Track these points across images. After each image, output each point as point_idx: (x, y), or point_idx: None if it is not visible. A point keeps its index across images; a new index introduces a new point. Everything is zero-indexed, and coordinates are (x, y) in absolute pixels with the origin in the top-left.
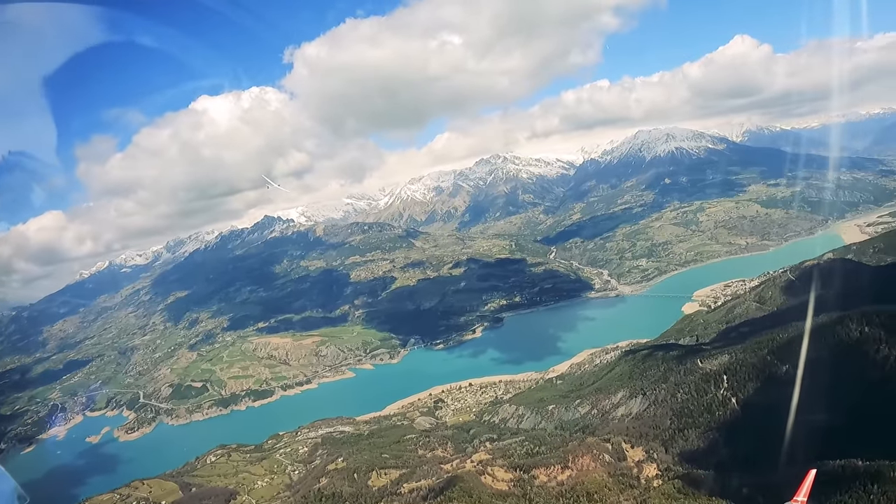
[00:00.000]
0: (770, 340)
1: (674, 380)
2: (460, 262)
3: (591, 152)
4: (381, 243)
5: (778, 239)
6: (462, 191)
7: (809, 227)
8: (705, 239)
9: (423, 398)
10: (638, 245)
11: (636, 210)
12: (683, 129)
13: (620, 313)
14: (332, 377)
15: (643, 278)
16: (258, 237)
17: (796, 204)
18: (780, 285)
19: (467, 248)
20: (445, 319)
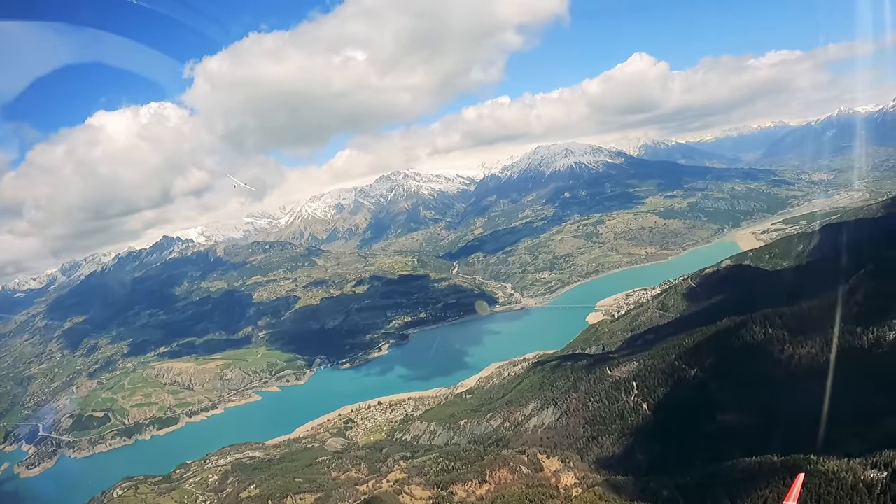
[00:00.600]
0: (677, 346)
1: (584, 389)
2: (363, 279)
3: (492, 168)
4: (283, 262)
5: (677, 248)
6: (363, 208)
7: (707, 236)
8: (606, 250)
9: (333, 419)
10: (540, 258)
11: (537, 224)
12: (582, 144)
13: (526, 326)
14: (238, 401)
15: (546, 291)
16: (157, 258)
17: (693, 214)
18: (682, 292)
19: (370, 265)
20: (351, 338)
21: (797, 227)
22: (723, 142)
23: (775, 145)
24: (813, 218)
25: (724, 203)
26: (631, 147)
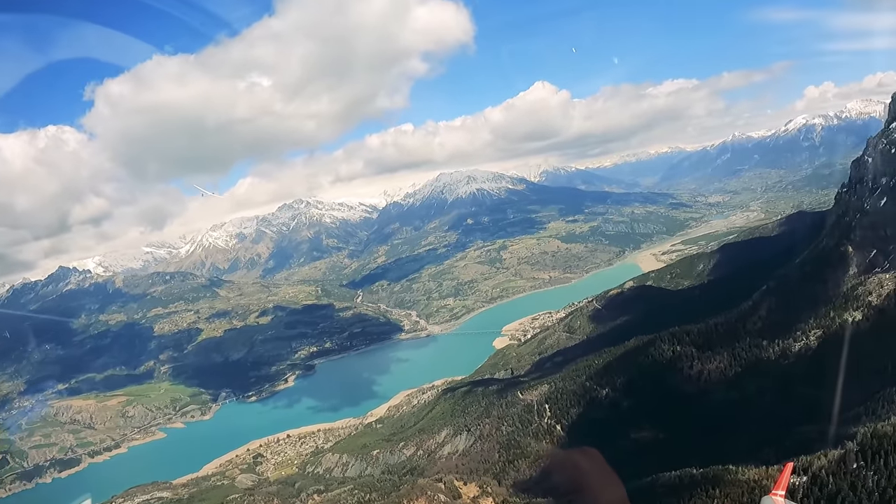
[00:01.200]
0: (587, 367)
1: (497, 413)
2: (267, 310)
3: (394, 195)
4: (184, 293)
5: (580, 271)
6: (265, 237)
7: (608, 259)
8: (510, 275)
9: (242, 454)
10: (444, 285)
11: (441, 251)
12: (484, 171)
13: (433, 353)
14: (142, 439)
15: (452, 317)
16: (53, 290)
17: (595, 238)
18: (588, 314)
19: (273, 295)
20: (256, 370)
21: (696, 248)
22: (622, 167)
23: (672, 170)
24: (711, 238)
25: (625, 226)
26: (532, 173)
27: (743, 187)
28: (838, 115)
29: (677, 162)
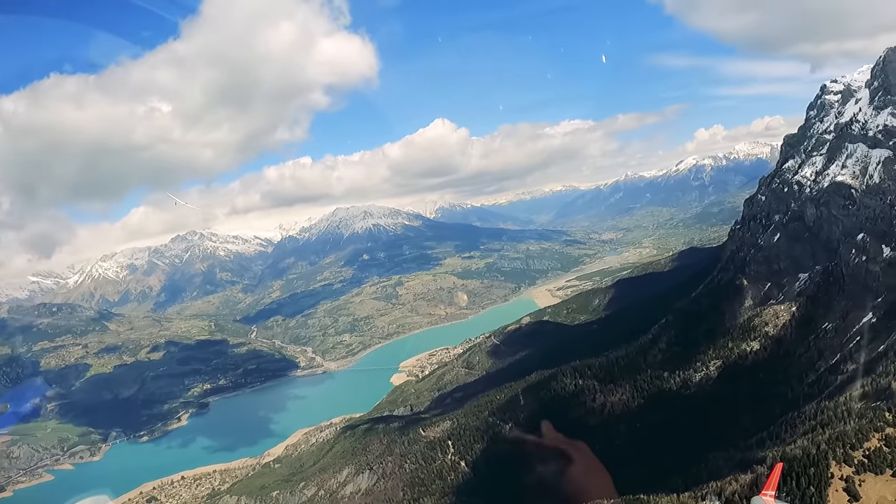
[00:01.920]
0: (489, 402)
1: (399, 451)
2: (159, 345)
3: (290, 229)
4: (73, 326)
5: (476, 307)
6: (158, 269)
7: (504, 295)
8: (406, 311)
9: (134, 497)
10: (340, 321)
11: (336, 286)
12: (381, 207)
13: (330, 390)
14: (28, 482)
15: (348, 353)
16: None
17: (490, 274)
18: (486, 350)
19: (165, 329)
20: (148, 408)
21: (591, 283)
22: (517, 205)
23: (567, 207)
24: (605, 274)
25: (520, 263)
26: (428, 210)
27: (635, 225)
28: (727, 157)
29: (571, 200)
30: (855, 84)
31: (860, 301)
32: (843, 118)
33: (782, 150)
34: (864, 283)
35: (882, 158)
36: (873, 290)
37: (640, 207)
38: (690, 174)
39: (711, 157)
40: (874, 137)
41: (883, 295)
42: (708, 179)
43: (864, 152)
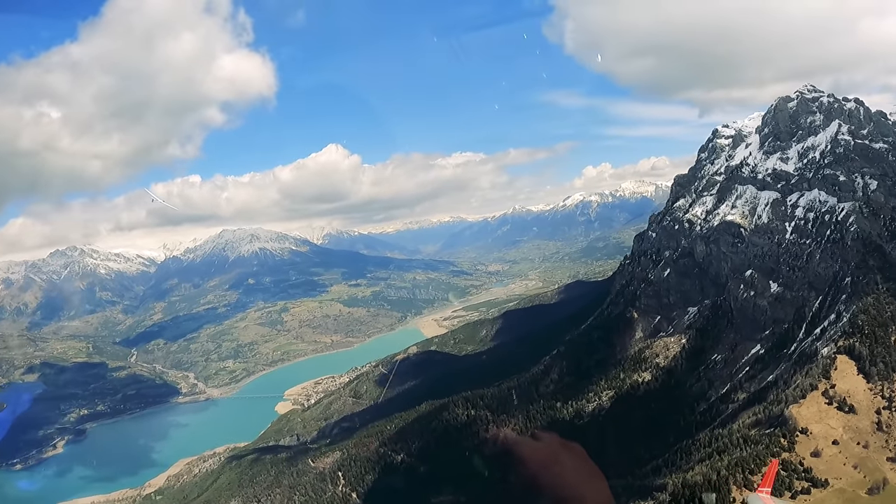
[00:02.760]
0: (379, 432)
1: (288, 482)
2: (34, 366)
3: (174, 249)
4: None
5: (362, 336)
6: (34, 285)
7: (391, 324)
8: (291, 338)
9: None
10: (224, 346)
11: (221, 310)
12: (268, 231)
13: (213, 417)
14: None
15: (232, 380)
16: None
17: (377, 302)
18: (374, 379)
19: (41, 350)
20: (21, 433)
21: (478, 314)
22: (404, 234)
23: (454, 238)
24: (492, 305)
25: (407, 292)
26: (316, 235)
27: (521, 257)
28: (613, 194)
29: (459, 231)
30: (746, 129)
31: (748, 334)
32: (733, 161)
33: (673, 190)
34: (752, 316)
35: (770, 200)
36: (761, 324)
37: (527, 240)
38: (577, 210)
39: (598, 193)
40: (763, 180)
41: (770, 328)
42: (594, 215)
43: (753, 194)
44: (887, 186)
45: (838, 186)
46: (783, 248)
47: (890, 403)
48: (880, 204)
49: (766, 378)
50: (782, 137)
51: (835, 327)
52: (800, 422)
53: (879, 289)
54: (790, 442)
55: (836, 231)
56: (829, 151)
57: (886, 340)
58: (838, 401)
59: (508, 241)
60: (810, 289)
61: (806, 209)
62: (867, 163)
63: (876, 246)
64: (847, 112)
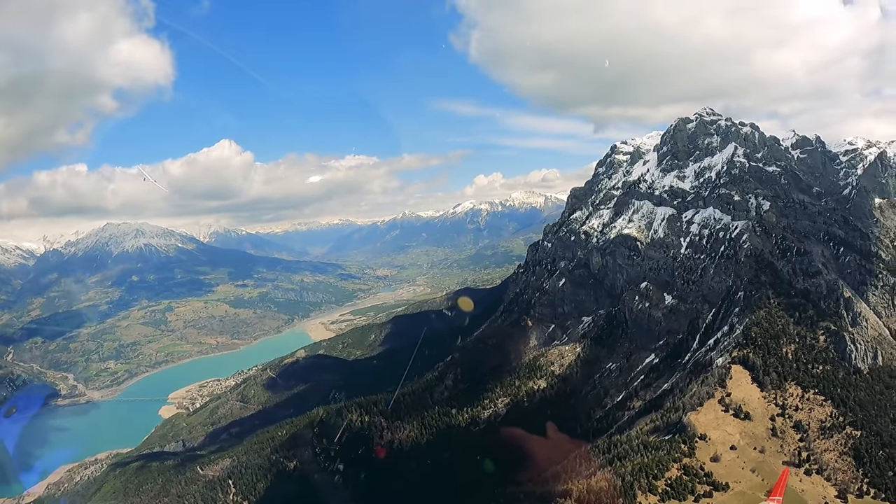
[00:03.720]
0: (270, 438)
1: (176, 491)
2: None
3: (55, 242)
4: None
5: (248, 338)
6: None
7: (277, 326)
8: (175, 339)
9: None
10: (105, 346)
11: (103, 307)
12: (154, 226)
13: (94, 421)
14: None
15: (113, 382)
16: None
17: (264, 304)
18: (262, 383)
19: None
20: None
21: (366, 318)
22: (292, 235)
23: (342, 241)
24: (380, 310)
25: (294, 294)
26: (202, 233)
27: (410, 263)
28: (503, 203)
29: (348, 234)
30: (644, 147)
31: (643, 343)
32: (631, 177)
33: (569, 202)
34: (646, 327)
35: (666, 216)
36: (655, 334)
37: (416, 246)
38: (467, 217)
39: (488, 202)
40: (660, 196)
41: (665, 338)
42: (483, 223)
43: (650, 209)
44: (779, 207)
45: (733, 205)
46: (678, 262)
47: (783, 411)
48: (772, 224)
49: (662, 386)
50: (680, 156)
51: (728, 339)
52: (698, 428)
53: (771, 303)
54: (690, 448)
55: (729, 248)
56: (725, 172)
57: (778, 351)
58: (734, 408)
59: (397, 246)
60: (704, 301)
61: (701, 226)
62: (761, 184)
63: (768, 263)
64: (743, 136)
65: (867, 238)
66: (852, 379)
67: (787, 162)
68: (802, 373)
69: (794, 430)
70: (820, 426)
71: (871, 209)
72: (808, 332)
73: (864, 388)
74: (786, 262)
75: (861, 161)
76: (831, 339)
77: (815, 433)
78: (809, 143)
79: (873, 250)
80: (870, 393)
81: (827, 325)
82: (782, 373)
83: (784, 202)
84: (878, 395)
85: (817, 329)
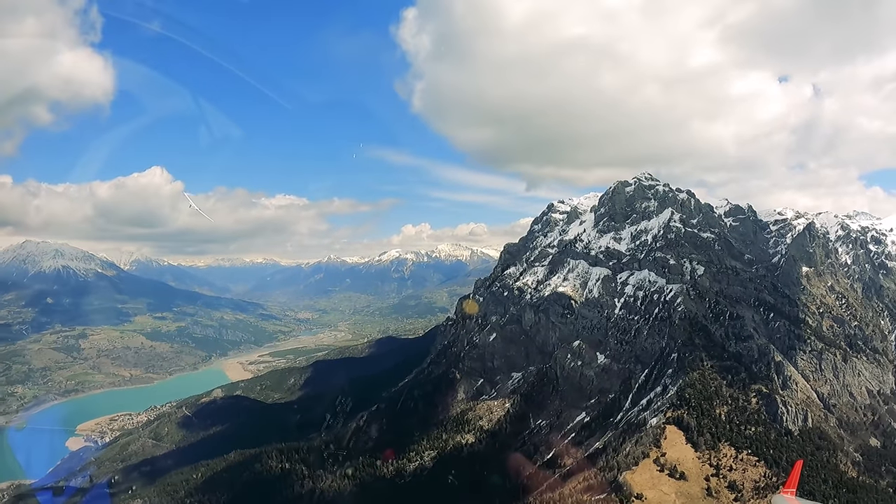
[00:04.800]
0: (185, 481)
1: None
2: None
3: None
4: None
5: (163, 372)
6: None
7: (194, 363)
8: (88, 367)
9: None
10: (14, 368)
11: (15, 328)
12: (74, 248)
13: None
14: None
15: (20, 407)
16: None
17: (182, 339)
18: (177, 421)
19: None
20: None
21: (285, 361)
22: (215, 270)
23: (265, 281)
24: (299, 353)
25: (213, 331)
26: (123, 260)
27: (332, 307)
28: (429, 254)
29: (271, 274)
30: (581, 207)
31: (574, 401)
32: (567, 236)
33: (502, 257)
34: (578, 385)
35: (602, 276)
36: (587, 393)
37: (340, 291)
38: (392, 266)
39: (415, 252)
40: (596, 256)
41: (596, 397)
42: (408, 273)
43: (585, 268)
44: (712, 273)
45: (668, 269)
46: (612, 322)
47: (717, 471)
48: (706, 288)
49: (593, 445)
50: (617, 218)
51: (661, 399)
52: (634, 487)
53: (704, 365)
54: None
55: (664, 310)
56: (662, 236)
57: (712, 412)
58: (669, 468)
59: (320, 290)
60: (637, 362)
61: (636, 287)
62: (695, 249)
63: (701, 326)
64: (680, 202)
65: (795, 304)
66: (784, 440)
67: (721, 229)
68: (735, 434)
69: (728, 490)
70: (754, 486)
71: (799, 277)
72: (741, 393)
73: (796, 449)
74: (719, 326)
75: (790, 231)
76: (763, 402)
77: (749, 493)
78: (742, 211)
79: (801, 316)
80: (801, 454)
81: (759, 387)
82: (716, 433)
83: (717, 268)
84: (808, 455)
85: (749, 391)
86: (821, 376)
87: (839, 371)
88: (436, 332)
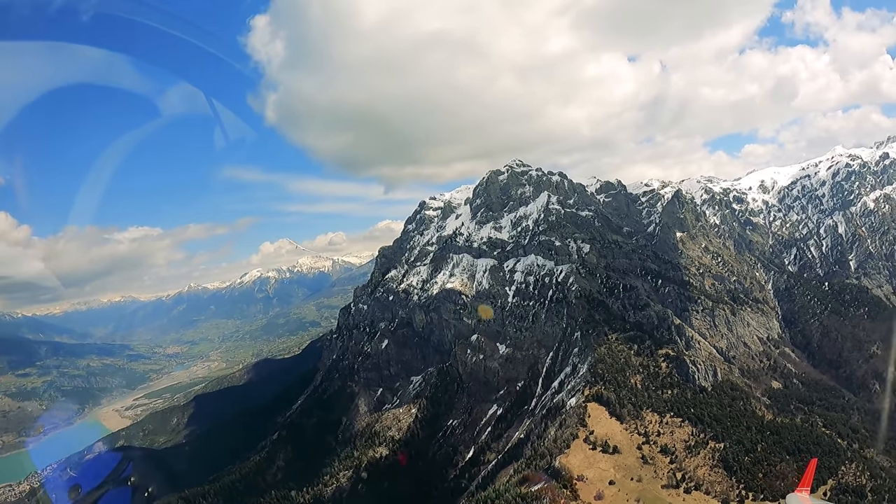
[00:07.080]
0: None
1: None
2: None
3: None
4: None
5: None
6: None
7: (68, 417)
8: None
9: None
10: None
11: None
12: None
13: None
14: None
15: None
16: None
17: (51, 394)
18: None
19: None
20: None
21: (162, 401)
22: (72, 315)
23: (126, 319)
24: (176, 390)
25: (82, 380)
26: None
27: (200, 337)
28: (291, 270)
29: (131, 312)
30: (455, 201)
31: (483, 396)
32: (445, 231)
33: (378, 262)
34: (483, 379)
35: (488, 267)
36: (494, 385)
37: (205, 319)
38: (255, 286)
39: (276, 269)
40: (479, 248)
41: (505, 388)
42: (273, 292)
43: (469, 262)
44: (598, 249)
45: (554, 251)
46: (507, 310)
47: (647, 438)
48: (594, 264)
49: (514, 435)
50: (494, 208)
51: (574, 379)
52: (573, 470)
53: (609, 338)
54: (572, 491)
55: (558, 291)
56: (543, 220)
57: (627, 383)
58: (601, 445)
59: (186, 321)
60: (540, 346)
61: (525, 273)
62: (577, 228)
63: (598, 301)
64: (554, 184)
65: (678, 269)
66: (700, 397)
67: (597, 206)
68: (655, 399)
69: (662, 455)
70: (685, 446)
71: (675, 242)
72: (650, 360)
73: (714, 403)
74: (615, 299)
75: (659, 200)
76: (672, 365)
77: (682, 453)
78: (612, 187)
79: (685, 279)
80: (720, 407)
81: (665, 351)
82: (636, 403)
83: (601, 243)
84: (727, 407)
85: (658, 357)
86: (716, 332)
87: (731, 325)
88: (317, 348)
